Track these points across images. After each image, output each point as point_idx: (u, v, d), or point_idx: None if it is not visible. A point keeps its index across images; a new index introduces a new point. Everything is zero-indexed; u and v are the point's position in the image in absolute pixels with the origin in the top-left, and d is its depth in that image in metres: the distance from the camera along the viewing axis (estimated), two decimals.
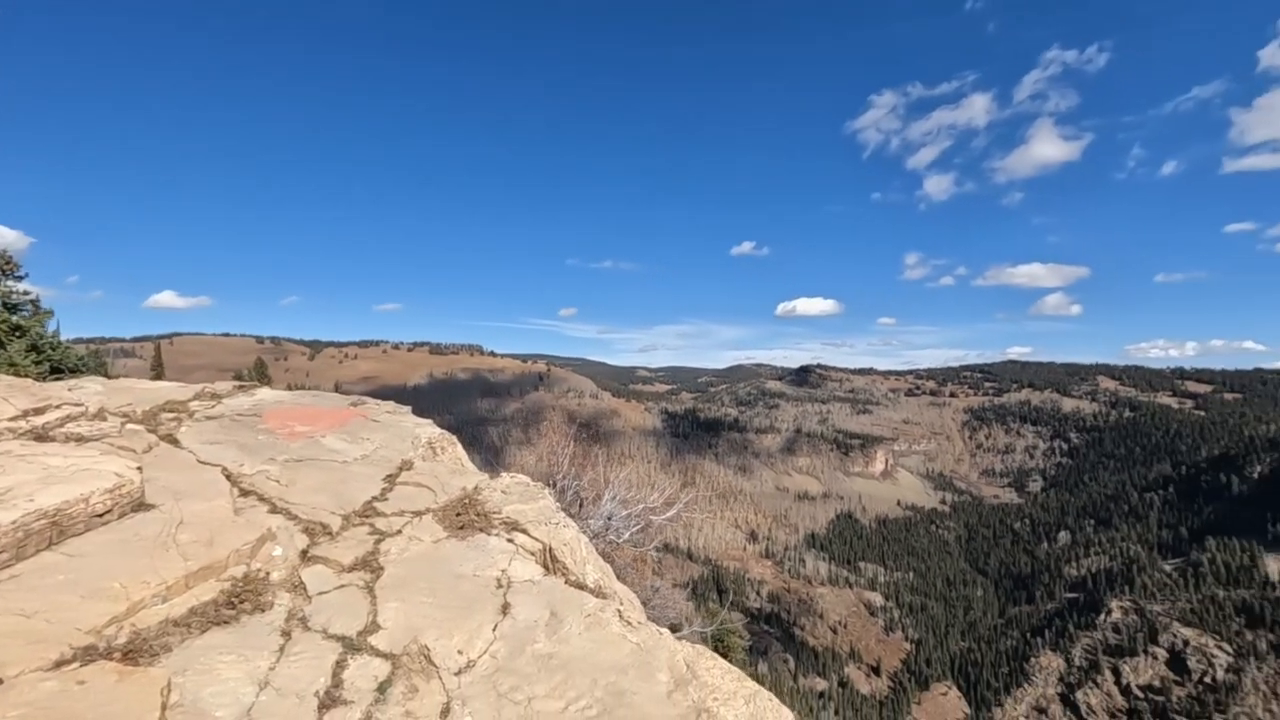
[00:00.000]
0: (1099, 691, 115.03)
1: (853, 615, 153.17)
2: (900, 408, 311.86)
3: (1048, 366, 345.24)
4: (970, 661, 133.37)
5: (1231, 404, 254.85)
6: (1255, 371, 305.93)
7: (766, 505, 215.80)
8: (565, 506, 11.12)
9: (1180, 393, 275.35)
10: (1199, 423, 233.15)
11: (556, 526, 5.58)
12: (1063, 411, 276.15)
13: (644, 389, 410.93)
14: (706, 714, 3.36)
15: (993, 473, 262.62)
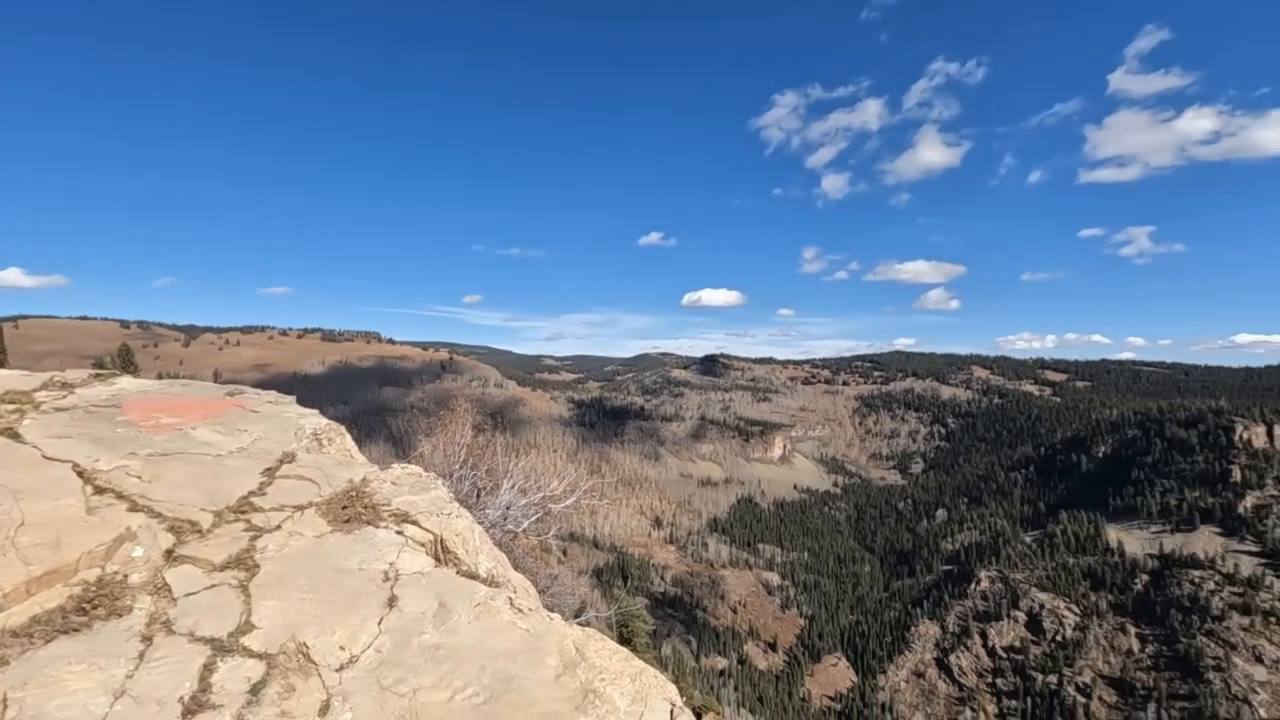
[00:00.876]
0: (969, 654, 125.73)
1: (752, 595, 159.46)
2: (797, 395, 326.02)
3: (929, 357, 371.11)
4: (858, 633, 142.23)
5: (1082, 391, 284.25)
6: (1102, 362, 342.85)
7: (671, 492, 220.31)
8: (462, 497, 10.93)
9: (1041, 381, 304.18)
10: (1056, 408, 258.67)
11: (449, 517, 5.48)
12: (942, 399, 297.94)
13: (551, 378, 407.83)
14: (593, 694, 3.44)
15: (880, 456, 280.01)
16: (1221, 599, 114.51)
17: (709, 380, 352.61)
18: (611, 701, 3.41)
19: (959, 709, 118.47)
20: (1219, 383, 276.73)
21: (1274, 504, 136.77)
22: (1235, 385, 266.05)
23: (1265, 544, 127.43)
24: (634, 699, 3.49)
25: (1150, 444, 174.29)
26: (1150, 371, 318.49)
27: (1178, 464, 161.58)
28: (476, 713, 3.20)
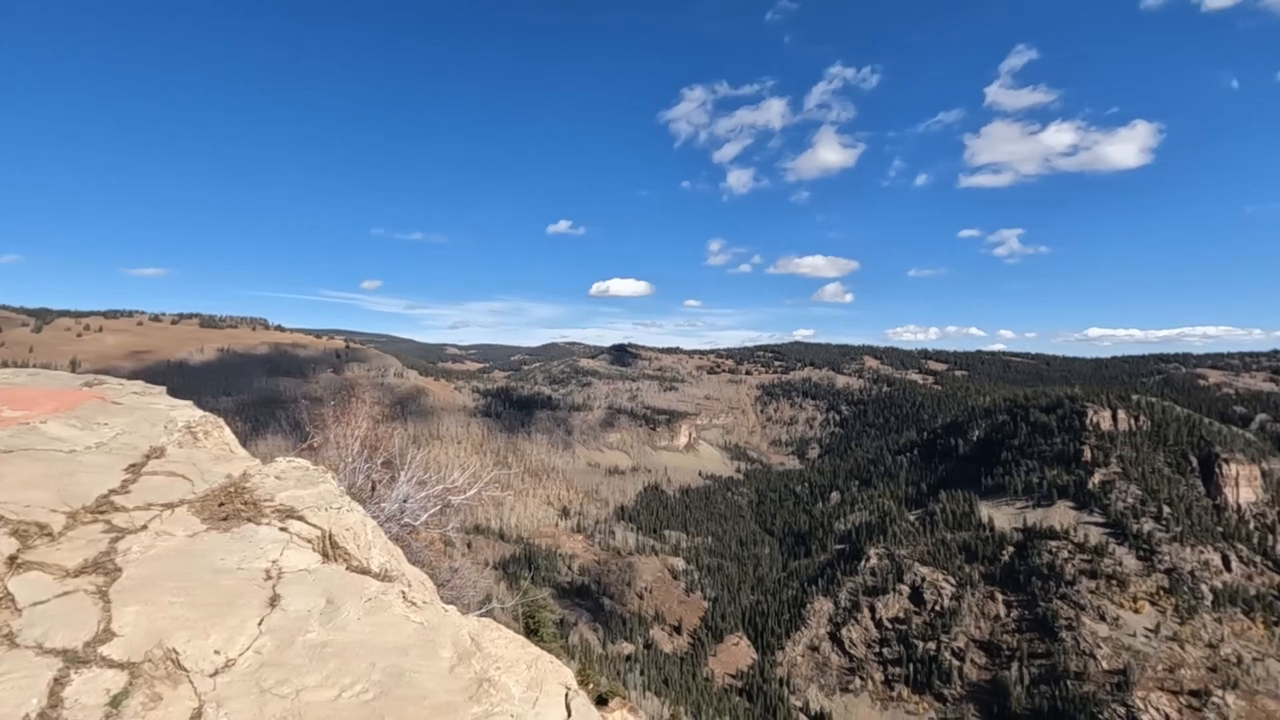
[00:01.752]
0: (859, 627, 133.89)
1: (658, 581, 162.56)
2: (703, 385, 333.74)
3: (826, 347, 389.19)
4: (758, 612, 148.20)
5: (960, 380, 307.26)
6: (977, 353, 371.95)
7: (579, 481, 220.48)
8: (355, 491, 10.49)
9: (925, 370, 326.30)
10: (937, 396, 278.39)
11: (339, 512, 5.27)
12: (837, 387, 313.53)
13: (455, 367, 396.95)
14: (488, 683, 3.44)
15: (780, 442, 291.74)
16: (1073, 566, 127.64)
17: (617, 370, 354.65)
18: (506, 689, 3.42)
19: (849, 678, 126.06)
20: (1074, 372, 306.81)
21: (1117, 480, 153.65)
22: (1087, 374, 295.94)
23: (1109, 516, 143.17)
24: (529, 685, 3.51)
25: (1017, 428, 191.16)
26: (1018, 362, 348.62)
27: (1039, 446, 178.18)
28: (365, 709, 3.15)
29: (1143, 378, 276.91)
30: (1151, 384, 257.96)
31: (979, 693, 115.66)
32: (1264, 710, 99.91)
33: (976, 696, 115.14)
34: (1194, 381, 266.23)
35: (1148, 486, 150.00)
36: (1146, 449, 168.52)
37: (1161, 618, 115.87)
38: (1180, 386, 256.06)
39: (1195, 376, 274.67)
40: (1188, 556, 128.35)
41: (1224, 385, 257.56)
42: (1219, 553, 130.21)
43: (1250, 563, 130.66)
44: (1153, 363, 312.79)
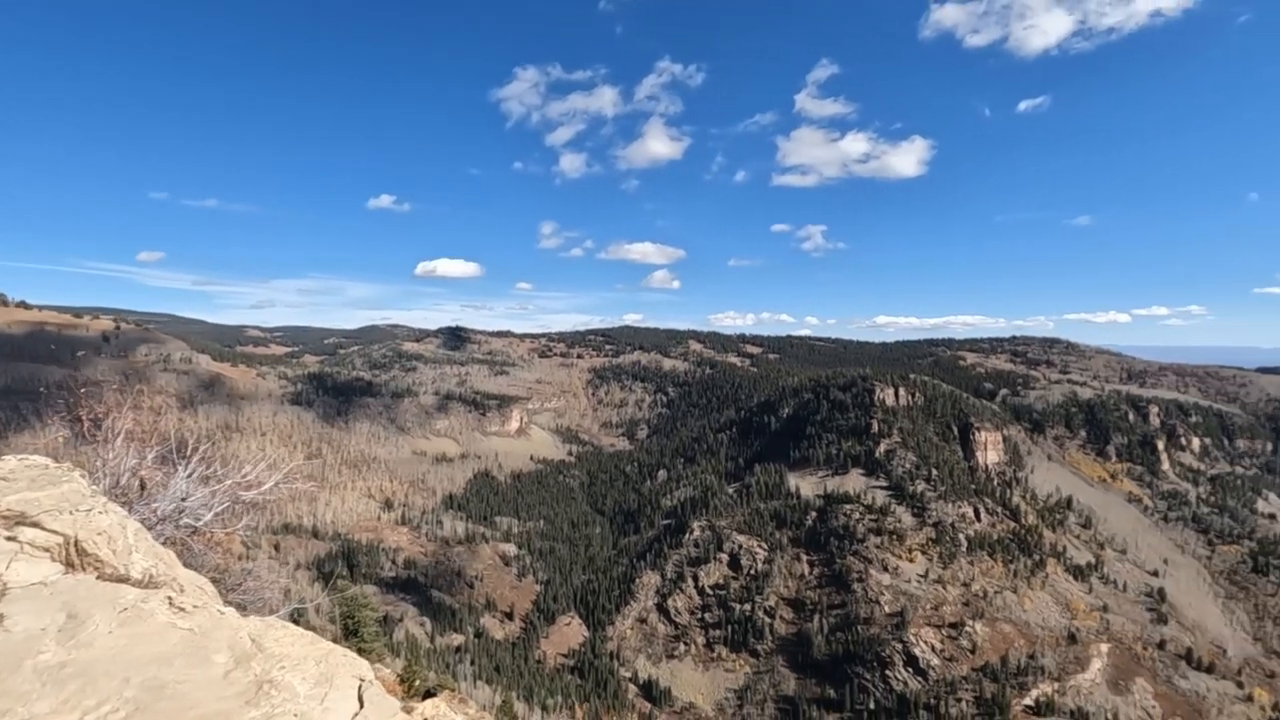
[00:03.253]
0: (683, 596, 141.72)
1: (489, 568, 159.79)
2: (534, 368, 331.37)
3: (654, 332, 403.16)
4: (590, 591, 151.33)
5: (773, 362, 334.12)
6: (787, 338, 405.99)
7: (404, 471, 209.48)
8: (120, 490, 9.09)
9: (743, 354, 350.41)
10: (753, 377, 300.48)
11: (89, 514, 4.52)
12: (664, 370, 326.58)
13: (258, 351, 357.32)
14: (270, 684, 3.15)
15: (611, 424, 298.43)
16: (863, 525, 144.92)
17: (445, 354, 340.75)
18: (291, 688, 3.18)
19: (675, 645, 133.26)
20: (866, 355, 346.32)
21: (898, 449, 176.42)
22: (876, 357, 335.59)
23: (892, 480, 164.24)
24: (318, 681, 3.30)
25: (820, 405, 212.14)
26: (821, 346, 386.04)
27: (838, 420, 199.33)
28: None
29: (918, 359, 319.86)
30: (925, 365, 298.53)
31: (787, 645, 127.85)
32: (1001, 633, 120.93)
33: (785, 649, 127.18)
34: (956, 363, 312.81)
35: (921, 453, 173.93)
36: (920, 421, 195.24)
37: (929, 564, 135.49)
38: (946, 367, 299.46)
39: (957, 358, 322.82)
40: (949, 511, 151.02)
41: (977, 365, 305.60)
42: (972, 506, 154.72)
43: (994, 513, 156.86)
44: (926, 347, 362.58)
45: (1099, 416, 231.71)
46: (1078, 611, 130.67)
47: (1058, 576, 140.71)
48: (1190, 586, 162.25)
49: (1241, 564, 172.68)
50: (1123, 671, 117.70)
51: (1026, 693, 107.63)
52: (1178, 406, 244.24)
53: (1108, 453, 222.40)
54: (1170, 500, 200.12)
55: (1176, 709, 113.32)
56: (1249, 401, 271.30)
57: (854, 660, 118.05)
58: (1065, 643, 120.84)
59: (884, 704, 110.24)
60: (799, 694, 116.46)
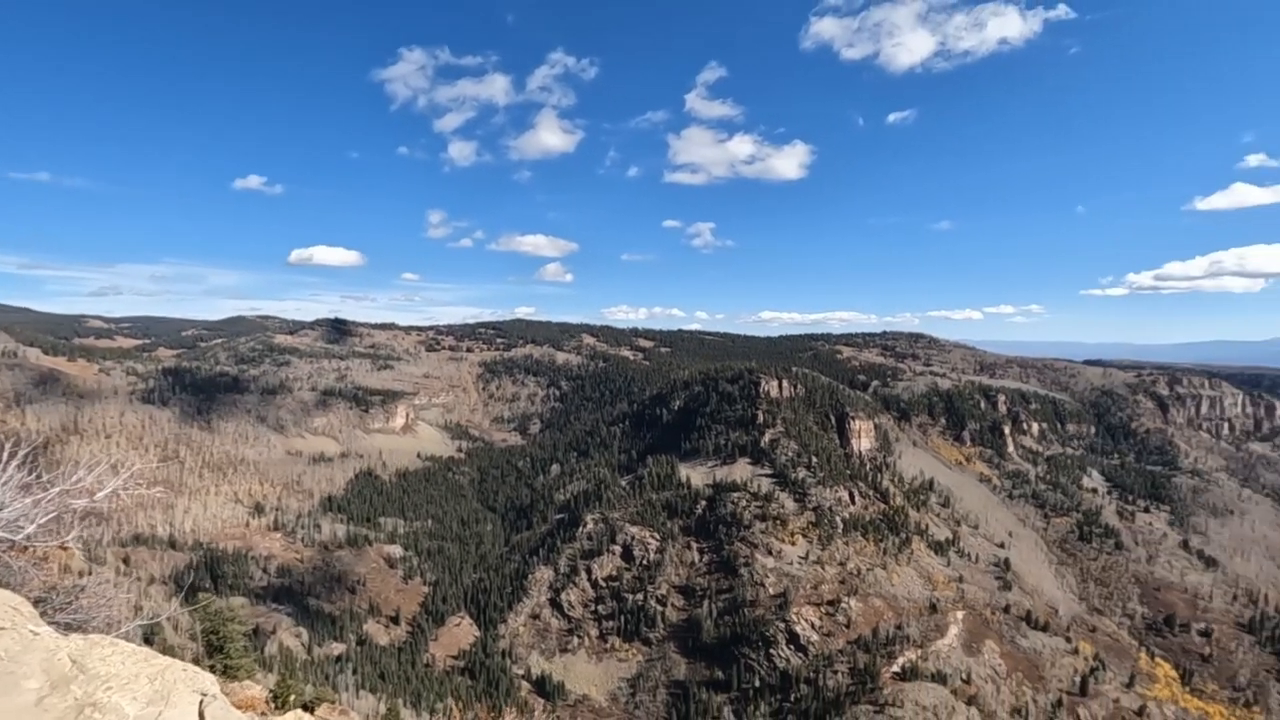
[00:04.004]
0: (577, 589, 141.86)
1: (372, 572, 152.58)
2: (421, 362, 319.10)
3: (547, 325, 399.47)
4: (481, 590, 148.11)
5: (665, 356, 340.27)
6: (678, 332, 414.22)
7: (276, 473, 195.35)
8: None
9: (635, 348, 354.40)
10: (646, 370, 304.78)
11: None
12: (557, 363, 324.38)
13: (100, 344, 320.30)
14: (93, 707, 2.97)
15: (502, 419, 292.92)
16: (750, 512, 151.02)
17: (323, 347, 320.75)
18: (118, 709, 2.99)
19: (568, 639, 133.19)
20: (753, 348, 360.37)
21: (781, 438, 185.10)
22: (762, 350, 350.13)
23: (776, 467, 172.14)
24: (150, 700, 2.98)
25: (709, 397, 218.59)
26: (711, 339, 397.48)
27: (726, 412, 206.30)
28: None
29: (800, 353, 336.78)
30: (806, 358, 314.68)
31: (678, 631, 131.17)
32: (873, 608, 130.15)
33: (676, 635, 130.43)
34: (833, 356, 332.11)
35: (802, 442, 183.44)
36: (802, 411, 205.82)
37: (809, 547, 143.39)
38: (825, 360, 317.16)
39: (834, 352, 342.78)
40: (827, 496, 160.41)
41: (852, 359, 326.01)
42: (847, 491, 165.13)
43: (867, 496, 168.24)
44: (807, 341, 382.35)
45: (956, 405, 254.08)
46: (938, 583, 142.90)
47: (921, 552, 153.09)
48: (1030, 555, 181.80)
49: (1070, 534, 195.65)
50: (975, 635, 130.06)
51: (894, 660, 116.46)
52: (1021, 395, 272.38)
53: (963, 437, 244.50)
54: (1014, 479, 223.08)
55: (1019, 665, 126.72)
56: (1077, 390, 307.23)
57: (741, 641, 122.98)
58: (927, 612, 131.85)
59: (768, 681, 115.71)
60: (689, 678, 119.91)
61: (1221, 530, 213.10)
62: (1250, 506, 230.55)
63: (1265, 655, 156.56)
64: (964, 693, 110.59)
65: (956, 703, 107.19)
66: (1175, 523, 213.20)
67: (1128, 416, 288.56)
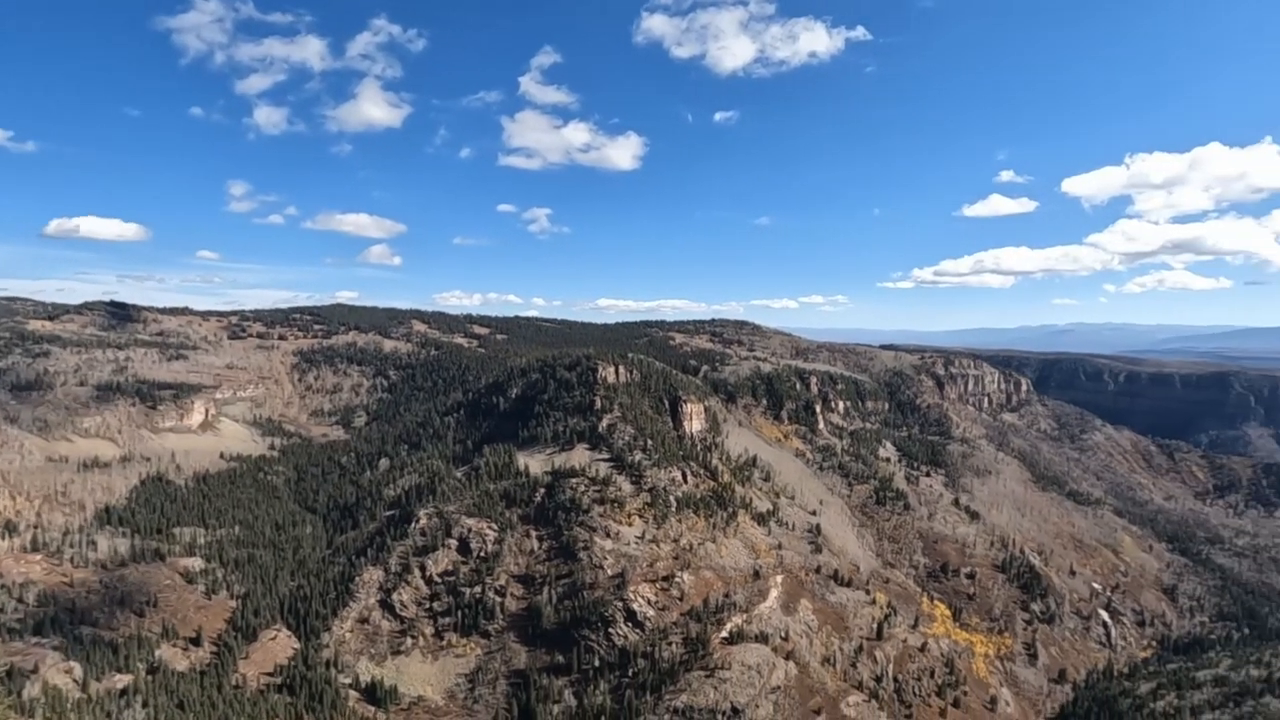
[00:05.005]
0: (410, 588, 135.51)
1: (166, 589, 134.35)
2: (224, 352, 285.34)
3: (372, 310, 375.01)
4: (300, 598, 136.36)
5: (501, 343, 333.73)
6: (515, 318, 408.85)
7: (32, 483, 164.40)
8: None
9: (470, 335, 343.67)
10: (481, 358, 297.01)
11: None
12: (384, 351, 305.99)
13: None
14: None
15: (322, 412, 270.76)
16: (588, 497, 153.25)
17: (95, 335, 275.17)
18: None
19: (401, 640, 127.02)
20: (590, 335, 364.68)
21: (618, 423, 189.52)
22: (599, 337, 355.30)
23: (613, 452, 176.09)
24: None
25: (547, 384, 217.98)
26: (549, 326, 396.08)
27: (564, 399, 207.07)
28: None
29: (635, 339, 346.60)
30: (641, 345, 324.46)
31: (518, 620, 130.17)
32: (704, 580, 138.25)
33: (516, 625, 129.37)
34: (667, 342, 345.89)
35: (638, 426, 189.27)
36: (637, 396, 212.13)
37: (645, 526, 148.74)
38: (659, 346, 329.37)
39: (668, 338, 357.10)
40: (662, 476, 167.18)
41: (684, 345, 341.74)
42: (680, 471, 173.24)
43: (698, 475, 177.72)
44: (642, 328, 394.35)
45: (776, 387, 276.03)
46: (760, 551, 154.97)
47: (746, 524, 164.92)
48: (837, 520, 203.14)
49: (869, 499, 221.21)
50: (792, 596, 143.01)
51: (723, 627, 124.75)
52: (829, 377, 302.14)
53: (782, 416, 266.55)
54: (824, 453, 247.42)
55: (828, 619, 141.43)
56: (874, 371, 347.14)
57: (581, 624, 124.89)
58: (751, 579, 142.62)
59: (608, 660, 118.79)
60: (530, 666, 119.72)
61: (982, 488, 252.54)
62: (1003, 467, 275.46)
63: (1013, 590, 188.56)
64: (783, 649, 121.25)
65: (776, 659, 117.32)
66: (949, 484, 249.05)
67: (914, 394, 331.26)
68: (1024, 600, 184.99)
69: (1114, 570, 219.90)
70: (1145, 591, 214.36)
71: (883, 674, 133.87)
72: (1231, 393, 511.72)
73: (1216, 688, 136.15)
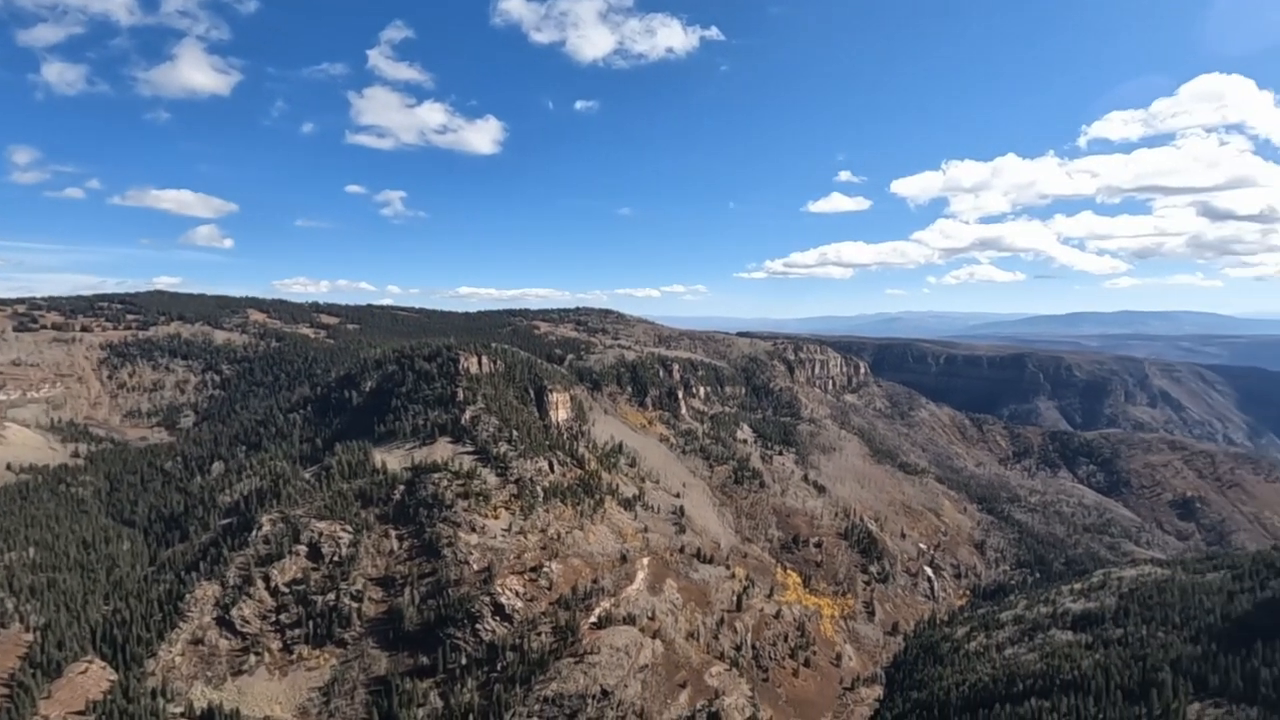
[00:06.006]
0: (252, 601, 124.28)
1: None
2: (9, 346, 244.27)
3: (199, 298, 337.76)
4: (117, 623, 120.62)
5: (353, 333, 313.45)
6: (368, 307, 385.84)
7: None
8: None
9: (317, 324, 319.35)
10: (331, 349, 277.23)
11: None
12: (215, 344, 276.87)
13: None
14: None
15: (139, 413, 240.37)
16: (451, 491, 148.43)
17: None
18: None
19: (243, 659, 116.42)
20: (451, 324, 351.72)
21: (482, 414, 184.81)
22: (461, 326, 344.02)
23: (477, 444, 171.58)
24: None
25: (405, 376, 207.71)
26: (405, 315, 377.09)
27: (424, 391, 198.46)
28: None
29: (499, 328, 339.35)
30: (505, 334, 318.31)
31: (377, 625, 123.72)
32: (572, 567, 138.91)
33: (375, 630, 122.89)
34: (531, 331, 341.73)
35: (503, 417, 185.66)
36: (502, 386, 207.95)
37: (512, 518, 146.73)
38: (523, 335, 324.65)
39: (532, 327, 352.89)
40: (528, 467, 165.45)
41: (549, 333, 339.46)
42: (547, 460, 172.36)
43: (565, 464, 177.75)
44: (505, 316, 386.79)
45: (640, 374, 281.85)
46: (627, 536, 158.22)
47: (613, 510, 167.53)
48: (699, 500, 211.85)
49: (729, 479, 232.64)
50: (657, 576, 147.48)
51: (591, 612, 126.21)
52: (691, 364, 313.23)
53: (646, 403, 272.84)
54: (686, 437, 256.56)
55: (692, 596, 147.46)
56: (732, 358, 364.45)
57: (446, 623, 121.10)
58: (619, 563, 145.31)
59: (475, 656, 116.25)
60: (391, 671, 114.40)
61: (828, 464, 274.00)
62: (845, 444, 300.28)
63: (855, 554, 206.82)
64: (650, 628, 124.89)
65: (644, 638, 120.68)
66: (799, 461, 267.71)
67: (768, 378, 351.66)
68: (863, 564, 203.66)
69: (936, 531, 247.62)
70: (961, 548, 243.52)
71: (742, 643, 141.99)
72: (1026, 371, 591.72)
73: (1015, 625, 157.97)
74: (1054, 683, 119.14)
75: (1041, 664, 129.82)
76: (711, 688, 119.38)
